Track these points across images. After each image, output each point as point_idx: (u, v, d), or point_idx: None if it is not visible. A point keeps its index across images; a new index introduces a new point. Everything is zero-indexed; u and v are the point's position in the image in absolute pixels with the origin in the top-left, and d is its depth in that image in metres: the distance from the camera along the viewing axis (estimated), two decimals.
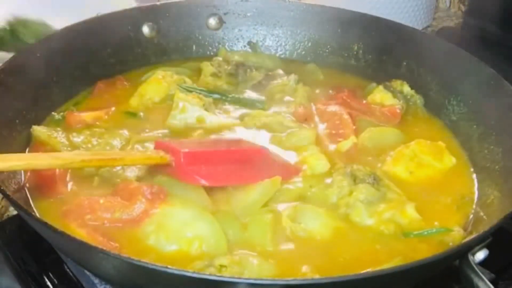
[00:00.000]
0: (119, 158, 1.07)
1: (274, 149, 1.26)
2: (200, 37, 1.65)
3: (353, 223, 1.09)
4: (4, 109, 1.18)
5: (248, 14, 1.67)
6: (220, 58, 1.59)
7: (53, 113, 1.34)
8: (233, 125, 1.34)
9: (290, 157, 1.24)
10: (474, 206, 1.16)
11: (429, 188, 1.20)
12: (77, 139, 1.24)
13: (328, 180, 1.17)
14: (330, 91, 1.50)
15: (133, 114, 1.36)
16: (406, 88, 1.47)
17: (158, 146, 1.15)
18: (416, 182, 1.21)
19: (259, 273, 0.96)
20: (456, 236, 1.06)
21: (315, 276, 0.95)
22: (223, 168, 1.13)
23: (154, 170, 1.14)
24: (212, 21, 1.65)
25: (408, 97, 1.46)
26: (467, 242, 0.94)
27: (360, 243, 1.05)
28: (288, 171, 1.18)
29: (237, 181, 1.13)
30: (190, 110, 1.33)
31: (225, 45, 1.67)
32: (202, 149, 1.17)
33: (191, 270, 0.92)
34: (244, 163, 1.15)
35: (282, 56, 1.68)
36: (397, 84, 1.48)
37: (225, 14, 1.66)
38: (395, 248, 1.05)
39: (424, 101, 1.47)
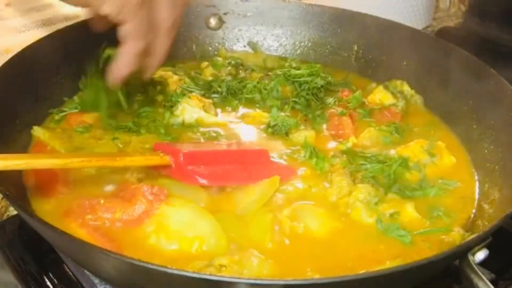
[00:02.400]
0: (119, 159, 1.08)
1: (273, 149, 1.26)
2: (200, 37, 1.66)
3: (352, 222, 1.09)
4: (4, 109, 1.18)
5: (248, 14, 1.67)
6: (220, 59, 1.59)
7: (53, 113, 1.33)
8: (233, 126, 1.34)
9: (290, 157, 1.24)
10: (474, 206, 1.16)
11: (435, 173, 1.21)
12: (77, 139, 1.24)
13: (328, 180, 1.17)
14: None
15: None
16: (406, 88, 1.47)
17: (157, 147, 1.16)
18: (416, 182, 1.20)
19: (259, 272, 0.96)
20: (456, 236, 1.06)
21: (315, 276, 0.95)
22: (222, 168, 1.14)
23: (153, 171, 1.14)
24: (212, 21, 1.65)
25: (408, 97, 1.46)
26: (467, 242, 0.94)
27: (360, 243, 1.05)
28: (286, 172, 1.19)
29: (236, 181, 1.14)
30: (189, 111, 1.33)
31: (225, 45, 1.67)
32: (202, 149, 1.18)
33: (191, 270, 0.92)
34: (243, 163, 1.16)
35: (282, 56, 1.68)
36: (396, 84, 1.48)
37: (225, 14, 1.66)
38: (395, 247, 1.04)
39: (424, 101, 1.47)
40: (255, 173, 1.15)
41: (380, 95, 1.44)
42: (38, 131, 1.24)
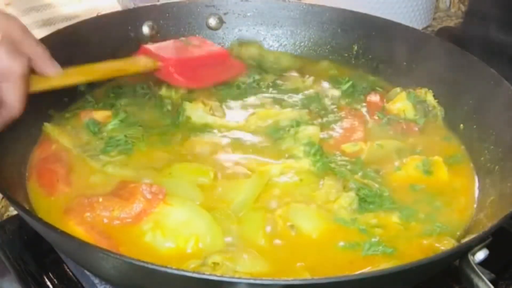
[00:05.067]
0: (124, 68, 1.30)
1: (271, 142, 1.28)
2: (200, 37, 1.65)
3: (341, 226, 1.08)
4: None
5: (248, 14, 1.67)
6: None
7: (51, 112, 1.34)
8: (238, 127, 1.33)
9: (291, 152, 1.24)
10: (474, 206, 1.16)
11: (430, 190, 1.19)
12: (86, 137, 1.25)
13: (322, 178, 1.17)
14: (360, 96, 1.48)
15: None
16: (430, 98, 1.41)
17: (143, 51, 1.35)
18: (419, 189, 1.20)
19: (252, 269, 0.96)
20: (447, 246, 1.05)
21: (307, 274, 0.95)
22: (199, 70, 1.38)
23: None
24: (212, 21, 1.65)
25: (430, 108, 1.41)
26: (467, 242, 0.94)
27: (352, 244, 1.04)
28: (240, 67, 1.47)
29: (210, 81, 1.40)
30: (193, 116, 1.34)
31: (225, 45, 1.67)
32: (184, 55, 1.39)
33: (187, 268, 0.93)
34: (213, 64, 1.42)
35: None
36: (421, 92, 1.42)
37: (225, 14, 1.66)
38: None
39: (444, 113, 1.41)
40: (222, 71, 1.43)
41: (401, 104, 1.40)
42: (48, 128, 1.26)
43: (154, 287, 0.90)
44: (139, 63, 1.33)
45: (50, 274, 1.08)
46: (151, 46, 1.38)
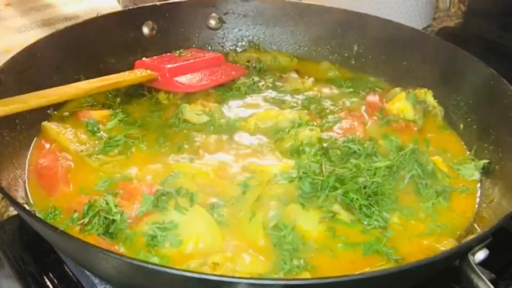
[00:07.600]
0: (122, 80, 1.32)
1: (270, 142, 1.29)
2: (200, 37, 1.66)
3: (341, 227, 1.08)
4: None
5: (248, 14, 1.67)
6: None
7: (62, 109, 1.35)
8: (238, 128, 1.33)
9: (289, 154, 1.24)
10: (475, 206, 1.16)
11: (430, 190, 1.19)
12: (84, 136, 1.25)
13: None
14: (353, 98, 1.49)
15: None
16: (429, 99, 1.42)
17: (140, 65, 1.40)
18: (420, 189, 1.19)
19: (251, 269, 0.96)
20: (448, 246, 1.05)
21: (306, 274, 0.96)
22: (197, 75, 1.43)
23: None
24: (212, 21, 1.65)
25: (430, 108, 1.41)
26: (467, 242, 0.94)
27: (351, 246, 1.04)
28: (238, 70, 1.51)
29: (208, 83, 1.42)
30: (192, 117, 1.34)
31: (225, 45, 1.67)
32: (180, 63, 1.43)
33: (187, 268, 0.93)
34: (209, 68, 1.46)
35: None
36: (421, 92, 1.43)
37: (225, 14, 1.66)
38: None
39: (444, 113, 1.42)
40: (219, 74, 1.46)
41: (400, 104, 1.40)
42: (46, 127, 1.27)
43: (154, 287, 0.90)
44: (135, 74, 1.36)
45: (50, 274, 1.08)
46: (146, 60, 1.43)
